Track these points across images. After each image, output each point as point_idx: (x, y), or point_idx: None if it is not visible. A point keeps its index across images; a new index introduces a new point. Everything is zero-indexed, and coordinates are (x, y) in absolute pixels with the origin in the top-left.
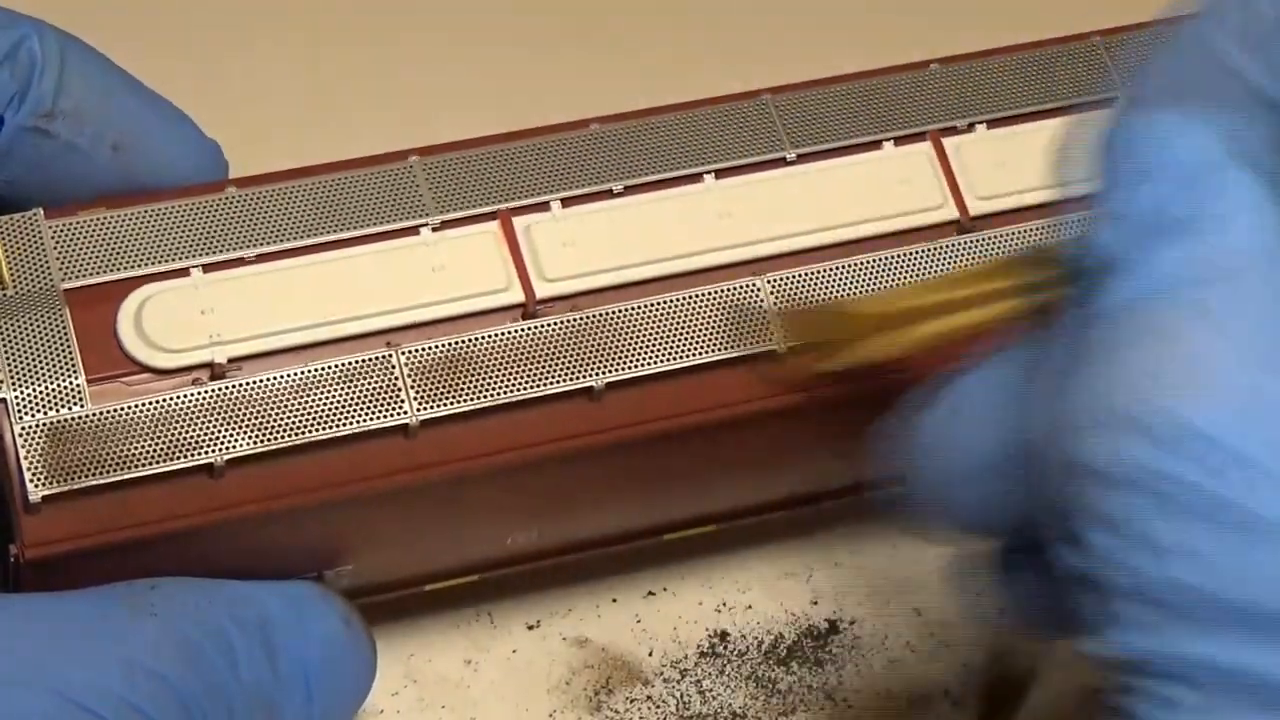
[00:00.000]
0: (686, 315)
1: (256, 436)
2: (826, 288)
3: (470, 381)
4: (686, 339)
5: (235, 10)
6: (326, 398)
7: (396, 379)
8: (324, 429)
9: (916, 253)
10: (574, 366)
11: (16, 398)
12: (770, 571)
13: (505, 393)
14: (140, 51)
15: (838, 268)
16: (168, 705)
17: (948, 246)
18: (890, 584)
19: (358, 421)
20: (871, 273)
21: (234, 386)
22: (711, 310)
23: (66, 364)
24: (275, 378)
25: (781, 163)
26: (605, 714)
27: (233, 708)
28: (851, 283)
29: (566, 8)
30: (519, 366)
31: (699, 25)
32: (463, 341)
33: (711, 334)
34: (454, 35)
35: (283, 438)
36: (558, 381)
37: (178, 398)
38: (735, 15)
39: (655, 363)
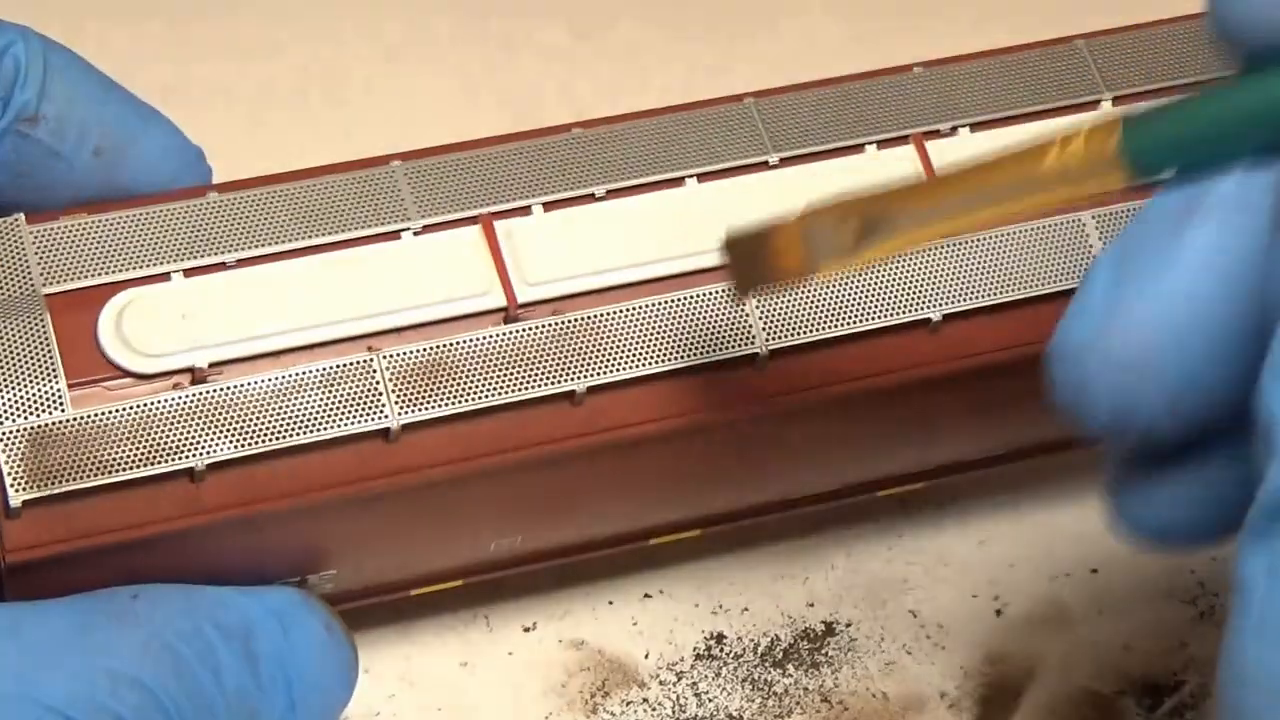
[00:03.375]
0: (668, 319)
1: (238, 441)
2: (810, 291)
3: (451, 385)
4: (668, 343)
5: (219, 16)
6: (307, 402)
7: (377, 383)
8: (305, 433)
9: (899, 255)
10: (556, 370)
11: None
12: (766, 574)
13: (487, 397)
14: (124, 56)
15: None
16: (150, 714)
17: (931, 248)
18: (886, 586)
19: (339, 426)
20: (856, 275)
21: (215, 391)
22: (693, 314)
23: (47, 369)
24: (256, 382)
25: (764, 166)
26: (601, 716)
27: (215, 716)
28: (835, 284)
29: (549, 13)
30: (500, 370)
31: (680, 29)
32: (444, 346)
33: (693, 338)
34: (436, 40)
35: (264, 442)
36: (539, 385)
37: (158, 402)
38: (717, 19)
39: (637, 367)
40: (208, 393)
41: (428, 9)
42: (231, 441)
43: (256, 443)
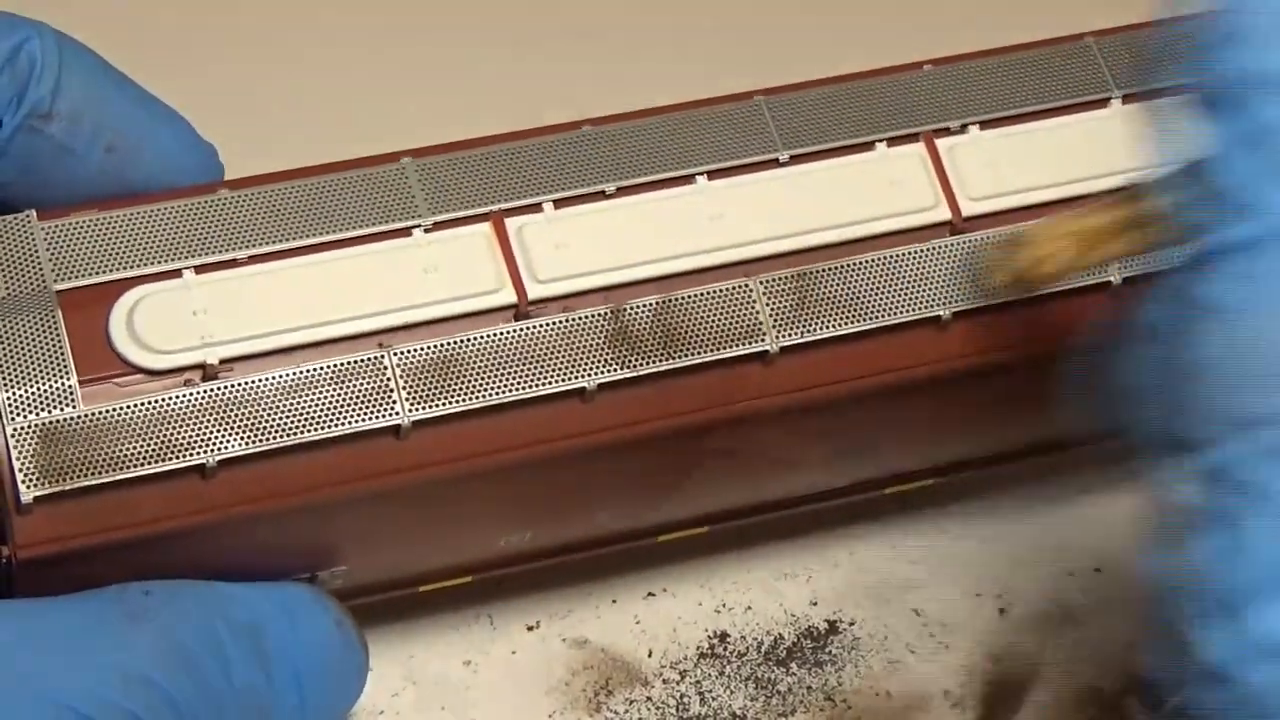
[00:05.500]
0: (679, 316)
1: (248, 437)
2: (818, 289)
3: (462, 382)
4: (679, 340)
5: (232, 12)
6: (318, 399)
7: (388, 380)
8: (316, 430)
9: (910, 254)
10: (566, 367)
11: (8, 399)
12: (769, 572)
13: (497, 394)
14: (137, 53)
15: (829, 269)
16: (162, 710)
17: (940, 248)
18: (889, 584)
19: (350, 422)
20: (864, 274)
21: (226, 388)
22: (703, 311)
23: (58, 365)
24: (267, 379)
25: (774, 164)
26: (605, 715)
27: (226, 712)
28: (843, 284)
29: (559, 9)
30: (511, 367)
31: (692, 26)
32: (455, 342)
33: (703, 335)
34: (448, 37)
35: (275, 439)
36: (550, 382)
37: (170, 399)
38: (728, 16)
39: (647, 364)
40: (219, 389)
41: (437, 7)
42: (242, 438)
43: (268, 439)
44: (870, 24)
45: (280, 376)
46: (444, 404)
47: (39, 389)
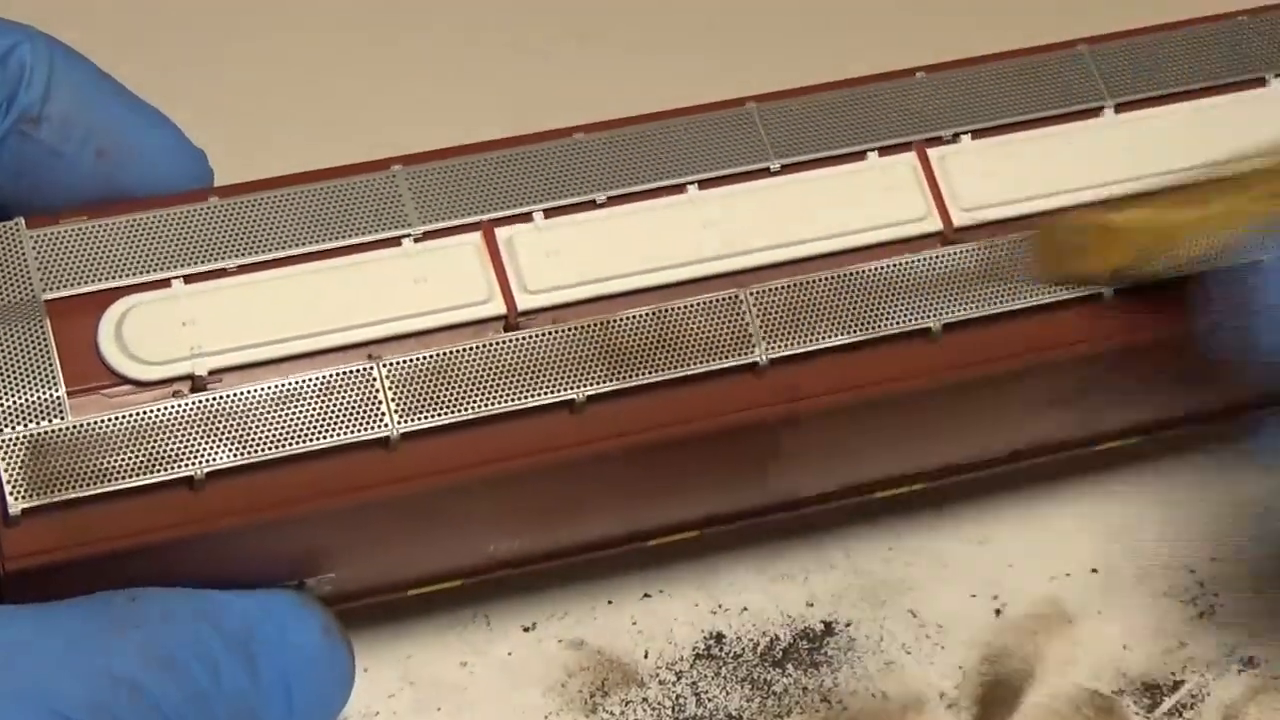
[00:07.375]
0: (668, 328)
1: (237, 449)
2: (808, 299)
3: (451, 394)
4: (667, 352)
5: (224, 18)
6: (307, 410)
7: (377, 391)
8: (304, 442)
9: (900, 264)
10: (555, 379)
11: None
12: (765, 573)
13: (486, 405)
14: (128, 58)
15: (820, 279)
16: (148, 716)
17: (931, 258)
18: (885, 586)
19: (338, 434)
20: (855, 285)
21: (215, 399)
22: (692, 323)
23: (46, 376)
24: (256, 390)
25: (765, 173)
26: (601, 716)
27: (213, 717)
28: (835, 295)
29: (551, 16)
30: (500, 379)
31: (683, 33)
32: (444, 354)
33: (693, 346)
34: (439, 44)
35: (263, 450)
36: (539, 394)
37: (158, 410)
38: (719, 23)
39: (636, 376)
40: (207, 401)
41: (430, 12)
42: (231, 450)
43: (256, 451)
44: (863, 30)
45: (269, 388)
46: (433, 416)
47: (27, 400)
